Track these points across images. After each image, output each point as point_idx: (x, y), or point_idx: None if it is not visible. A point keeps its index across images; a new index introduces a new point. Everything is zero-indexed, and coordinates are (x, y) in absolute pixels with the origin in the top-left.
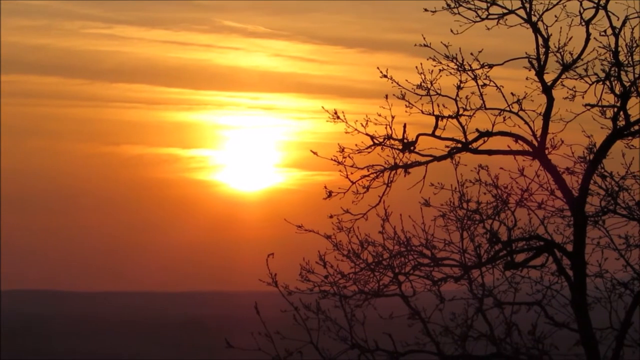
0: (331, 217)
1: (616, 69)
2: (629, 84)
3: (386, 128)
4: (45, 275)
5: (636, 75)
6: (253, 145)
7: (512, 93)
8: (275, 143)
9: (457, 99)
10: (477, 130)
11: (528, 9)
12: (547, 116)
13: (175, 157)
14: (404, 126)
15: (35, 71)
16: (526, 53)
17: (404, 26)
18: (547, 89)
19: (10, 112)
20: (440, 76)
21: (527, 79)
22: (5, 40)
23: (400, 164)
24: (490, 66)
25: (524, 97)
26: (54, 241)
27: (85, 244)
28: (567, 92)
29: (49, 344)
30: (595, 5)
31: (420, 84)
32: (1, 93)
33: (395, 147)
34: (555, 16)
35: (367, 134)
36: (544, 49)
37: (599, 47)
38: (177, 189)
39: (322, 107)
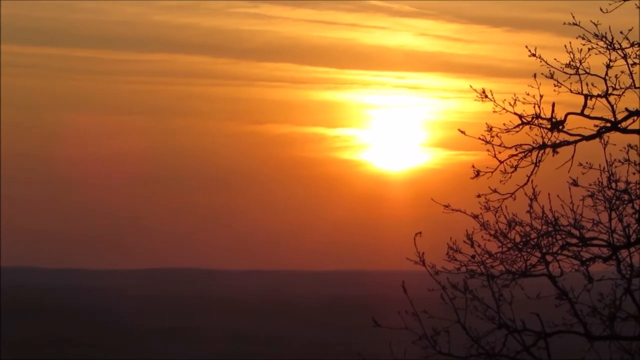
0: (479, 196)
1: None
2: None
3: (534, 107)
4: (193, 255)
5: None
6: (398, 125)
7: None
8: (420, 122)
9: (607, 78)
10: (626, 109)
11: None
12: None
13: (321, 136)
14: (553, 105)
15: (182, 50)
16: None
17: (551, 5)
18: None
19: (158, 91)
20: (589, 55)
21: None
22: (153, 19)
23: (549, 143)
24: None
25: None
26: (201, 220)
27: (232, 223)
28: None
29: (192, 322)
30: None
31: (569, 62)
32: (150, 72)
33: (544, 126)
34: None
35: (515, 113)
36: None
37: None
38: (322, 168)
39: (470, 86)
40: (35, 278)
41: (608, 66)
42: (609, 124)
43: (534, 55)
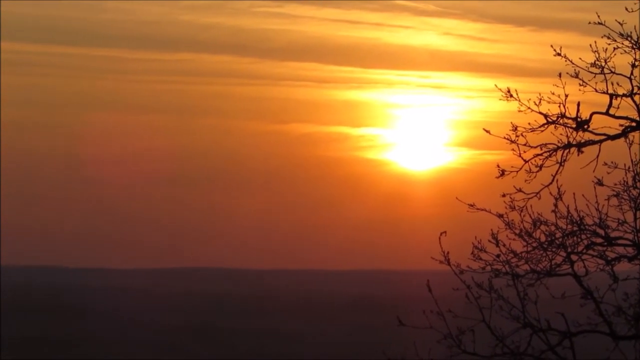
0: (504, 195)
1: None
2: None
3: (559, 106)
4: (216, 254)
5: None
6: (423, 124)
7: None
8: (444, 122)
9: (632, 77)
10: None
11: None
12: None
13: (345, 136)
14: (578, 105)
15: (207, 50)
16: None
17: (576, 4)
18: None
19: (182, 90)
20: (615, 54)
21: None
22: (177, 18)
23: (574, 142)
24: None
25: None
26: (224, 220)
27: (254, 222)
28: None
29: (216, 321)
30: None
31: (594, 62)
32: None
33: (569, 125)
34: None
35: (540, 113)
36: None
37: None
38: (346, 168)
39: (495, 86)
40: (58, 277)
41: (633, 65)
42: (634, 124)
43: (559, 54)
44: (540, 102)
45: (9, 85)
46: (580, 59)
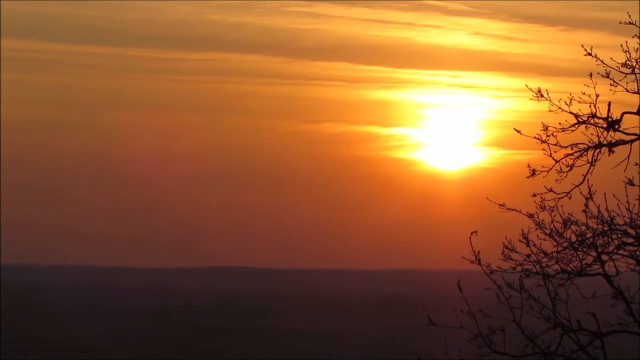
0: (534, 195)
1: None
2: None
3: (590, 106)
4: (246, 253)
5: None
6: (453, 124)
7: None
8: (474, 121)
9: None
10: None
11: None
12: None
13: (375, 135)
14: (609, 104)
15: (237, 49)
16: None
17: (606, 4)
18: None
19: (212, 90)
20: None
21: None
22: (208, 18)
23: (605, 142)
24: None
25: None
26: (256, 219)
27: (285, 221)
28: None
29: (243, 320)
30: None
31: (625, 62)
32: (205, 71)
33: (600, 125)
34: None
35: (571, 113)
36: None
37: None
38: (376, 167)
39: (526, 85)
40: (95, 276)
41: None
42: None
43: (589, 54)
44: (571, 102)
45: (40, 84)
46: (611, 58)
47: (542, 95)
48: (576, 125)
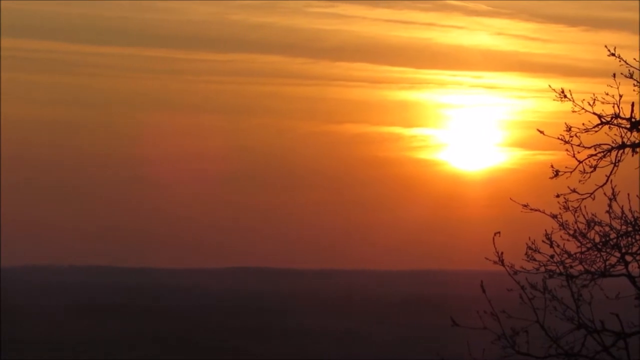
0: (558, 196)
1: None
2: None
3: (613, 107)
4: (267, 253)
5: None
6: (475, 124)
7: None
8: (497, 122)
9: None
10: None
11: None
12: None
13: (398, 136)
14: (632, 105)
15: (259, 50)
16: None
17: (629, 4)
18: None
19: (234, 90)
20: None
21: None
22: (229, 18)
23: (628, 143)
24: None
25: None
26: (276, 219)
27: (307, 221)
28: None
29: (264, 320)
30: None
31: None
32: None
33: (623, 126)
34: None
35: (594, 113)
36: None
37: None
38: (399, 168)
39: (549, 86)
40: (114, 277)
41: None
42: None
43: (612, 54)
44: (594, 102)
45: (64, 85)
46: (634, 59)
47: (565, 96)
48: (599, 126)
